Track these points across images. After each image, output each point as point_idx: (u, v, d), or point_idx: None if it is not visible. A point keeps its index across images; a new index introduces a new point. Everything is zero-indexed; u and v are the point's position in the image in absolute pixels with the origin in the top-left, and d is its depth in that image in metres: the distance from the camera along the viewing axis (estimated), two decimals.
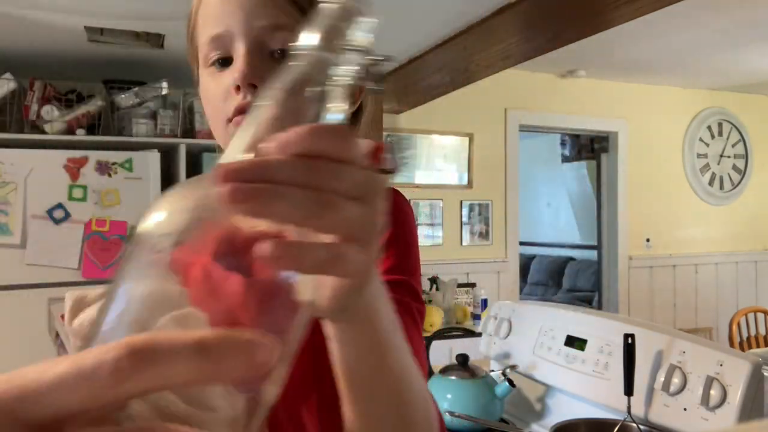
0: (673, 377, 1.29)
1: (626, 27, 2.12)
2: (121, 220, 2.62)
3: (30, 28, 2.35)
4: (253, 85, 0.65)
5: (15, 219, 2.48)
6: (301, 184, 0.30)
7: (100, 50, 2.57)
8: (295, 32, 0.64)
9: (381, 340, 0.46)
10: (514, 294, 4.14)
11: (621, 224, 4.41)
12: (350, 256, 0.32)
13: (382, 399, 0.50)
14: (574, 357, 1.52)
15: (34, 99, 2.73)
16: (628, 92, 4.42)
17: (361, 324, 0.43)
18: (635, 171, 4.46)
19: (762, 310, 3.79)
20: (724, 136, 4.80)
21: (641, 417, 1.33)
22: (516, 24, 2.13)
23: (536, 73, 4.12)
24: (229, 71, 0.68)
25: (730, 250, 4.77)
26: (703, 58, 3.83)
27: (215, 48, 0.68)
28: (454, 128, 3.92)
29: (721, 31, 3.26)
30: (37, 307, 2.50)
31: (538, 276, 7.12)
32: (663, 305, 4.50)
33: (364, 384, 0.49)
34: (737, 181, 4.83)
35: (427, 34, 2.40)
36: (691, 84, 4.53)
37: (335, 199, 0.31)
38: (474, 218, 4.02)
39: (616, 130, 4.42)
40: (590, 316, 1.59)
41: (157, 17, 2.22)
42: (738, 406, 1.17)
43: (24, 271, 2.49)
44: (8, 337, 2.45)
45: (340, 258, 0.32)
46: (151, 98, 2.89)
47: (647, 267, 4.46)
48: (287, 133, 0.31)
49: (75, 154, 2.58)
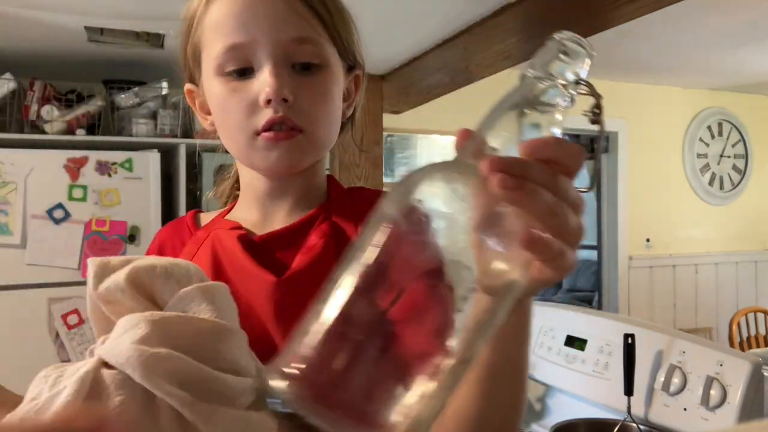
0: (673, 377, 1.29)
1: (626, 27, 2.12)
2: (121, 220, 2.62)
3: (30, 28, 2.35)
4: (285, 100, 0.65)
5: (15, 219, 2.48)
6: (550, 187, 0.38)
7: (100, 50, 2.57)
8: (317, 45, 0.70)
9: (528, 328, 0.52)
10: None
11: (621, 224, 4.41)
12: (567, 254, 0.40)
13: (510, 382, 0.55)
14: (574, 357, 1.52)
15: (34, 99, 2.72)
16: (628, 92, 4.42)
17: (525, 312, 0.51)
18: (635, 171, 4.46)
19: (762, 310, 3.79)
20: (724, 136, 4.80)
21: (641, 417, 1.33)
22: (516, 24, 2.13)
23: None
24: (253, 83, 0.66)
25: (730, 250, 4.77)
26: (703, 58, 3.82)
27: (234, 58, 0.66)
28: (454, 128, 3.91)
29: (721, 31, 3.26)
30: (37, 307, 2.50)
31: None
32: (663, 305, 4.49)
33: (506, 366, 0.53)
34: (737, 181, 4.83)
35: (427, 34, 2.40)
36: (691, 84, 4.53)
37: (566, 207, 0.39)
38: None
39: (616, 130, 4.42)
40: (590, 316, 1.59)
41: (157, 17, 2.22)
42: (738, 406, 1.17)
43: (24, 271, 2.49)
44: (8, 337, 2.45)
45: (562, 254, 0.39)
46: (151, 98, 2.88)
47: (647, 267, 4.46)
48: (539, 140, 0.39)
49: (75, 154, 2.58)
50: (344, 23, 0.73)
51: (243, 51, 0.66)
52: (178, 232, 0.80)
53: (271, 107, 0.65)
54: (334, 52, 0.71)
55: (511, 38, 2.24)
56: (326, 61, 0.69)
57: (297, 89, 0.66)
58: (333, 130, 0.73)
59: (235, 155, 0.73)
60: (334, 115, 0.72)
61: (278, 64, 0.66)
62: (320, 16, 0.68)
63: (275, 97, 0.64)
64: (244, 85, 0.67)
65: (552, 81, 0.41)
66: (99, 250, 2.58)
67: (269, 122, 0.65)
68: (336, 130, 0.73)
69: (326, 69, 0.69)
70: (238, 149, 0.71)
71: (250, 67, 0.67)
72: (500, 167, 0.36)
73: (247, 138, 0.67)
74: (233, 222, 0.75)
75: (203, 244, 0.75)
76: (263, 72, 0.66)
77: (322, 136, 0.70)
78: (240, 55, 0.66)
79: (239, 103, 0.67)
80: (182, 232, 0.80)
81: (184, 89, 0.78)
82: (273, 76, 0.65)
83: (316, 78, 0.68)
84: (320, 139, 0.70)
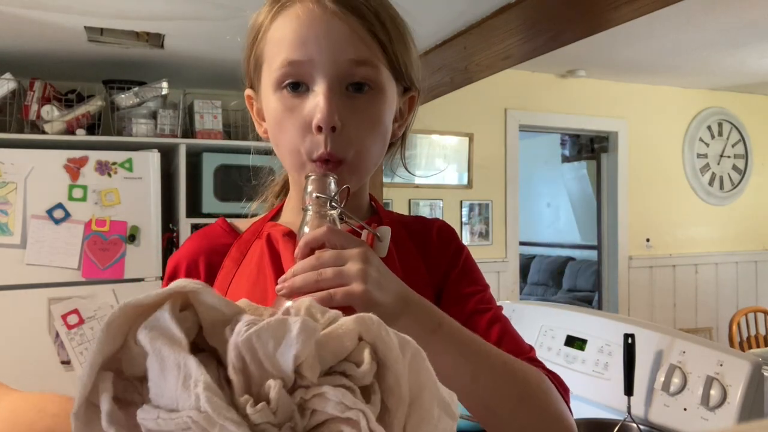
0: (673, 377, 1.29)
1: (626, 27, 2.12)
2: (121, 220, 2.62)
3: (30, 28, 2.35)
4: (333, 128, 0.67)
5: (15, 219, 2.48)
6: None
7: (100, 50, 2.57)
8: (374, 68, 0.73)
9: (456, 341, 0.61)
10: (514, 294, 4.14)
11: (621, 224, 4.41)
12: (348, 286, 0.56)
13: (485, 390, 0.62)
14: (574, 357, 1.52)
15: (34, 99, 2.73)
16: (628, 92, 4.42)
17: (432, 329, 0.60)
18: (635, 171, 4.46)
19: (762, 310, 3.79)
20: (724, 136, 4.80)
21: (641, 417, 1.33)
22: (516, 24, 2.13)
23: (536, 73, 4.12)
24: (307, 103, 0.68)
25: (730, 250, 4.77)
26: (703, 58, 3.82)
27: (291, 73, 0.69)
28: (454, 128, 3.92)
29: (721, 31, 3.26)
30: (37, 307, 2.50)
31: (538, 276, 7.12)
32: (663, 305, 4.50)
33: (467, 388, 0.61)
34: (737, 181, 4.83)
35: (427, 34, 2.40)
36: (691, 84, 4.53)
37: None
38: (474, 218, 4.02)
39: (616, 130, 4.42)
40: (590, 316, 1.59)
41: (157, 17, 2.22)
42: (738, 406, 1.17)
43: (24, 271, 2.49)
44: (8, 337, 2.45)
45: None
46: (151, 98, 2.88)
47: (647, 267, 4.46)
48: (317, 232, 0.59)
49: (75, 154, 2.58)
50: (404, 47, 0.74)
51: (301, 68, 0.68)
52: (212, 237, 0.80)
53: (321, 136, 0.67)
54: (390, 77, 0.73)
55: (511, 38, 2.24)
56: (381, 85, 0.71)
57: (347, 114, 0.69)
58: (377, 154, 0.75)
59: (286, 167, 0.76)
60: (381, 139, 0.74)
61: (332, 86, 0.68)
62: (380, 40, 0.70)
63: (325, 125, 0.66)
64: (298, 104, 0.69)
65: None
66: (99, 250, 2.58)
67: (320, 158, 0.68)
68: (381, 152, 0.76)
69: (379, 93, 0.71)
70: (289, 166, 0.74)
71: (304, 83, 0.69)
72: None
73: (298, 162, 0.70)
74: (285, 228, 0.77)
75: (253, 245, 0.77)
76: (317, 93, 0.68)
77: (364, 164, 0.73)
78: (298, 71, 0.68)
79: (293, 124, 0.69)
80: (219, 238, 0.80)
81: (245, 94, 0.80)
82: (325, 100, 0.67)
83: (367, 101, 0.71)
84: (362, 167, 0.73)
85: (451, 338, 0.61)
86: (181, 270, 0.77)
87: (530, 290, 7.02)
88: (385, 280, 0.57)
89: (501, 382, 0.62)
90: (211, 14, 2.16)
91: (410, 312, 0.58)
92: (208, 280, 0.75)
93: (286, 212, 0.81)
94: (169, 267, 0.79)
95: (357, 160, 0.71)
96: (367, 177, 0.77)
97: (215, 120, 2.99)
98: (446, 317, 0.62)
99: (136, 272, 2.64)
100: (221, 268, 0.76)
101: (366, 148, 0.71)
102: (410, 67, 0.76)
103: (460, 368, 0.60)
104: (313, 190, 0.62)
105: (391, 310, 0.56)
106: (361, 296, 0.54)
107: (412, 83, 0.78)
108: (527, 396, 0.63)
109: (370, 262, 0.57)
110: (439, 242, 0.78)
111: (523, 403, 0.63)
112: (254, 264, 0.75)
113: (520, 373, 0.64)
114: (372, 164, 0.75)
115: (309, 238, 0.58)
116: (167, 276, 0.78)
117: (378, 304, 0.55)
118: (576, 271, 6.63)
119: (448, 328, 0.61)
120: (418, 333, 0.57)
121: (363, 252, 0.57)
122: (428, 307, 0.61)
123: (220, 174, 2.93)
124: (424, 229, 0.80)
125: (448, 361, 0.60)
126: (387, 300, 0.56)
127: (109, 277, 2.59)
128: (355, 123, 0.69)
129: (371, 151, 0.73)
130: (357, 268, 0.55)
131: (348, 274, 0.55)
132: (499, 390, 0.62)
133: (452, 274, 0.76)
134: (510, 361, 0.64)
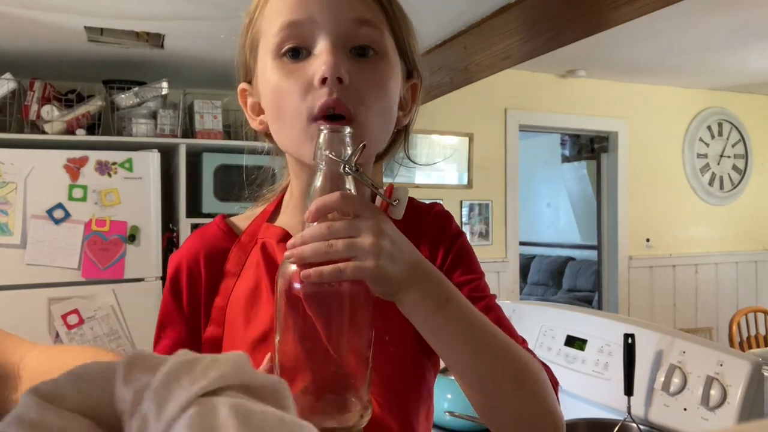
0: (673, 377, 1.29)
1: (626, 27, 2.12)
2: (121, 220, 2.62)
3: (30, 28, 2.35)
4: (340, 79, 0.62)
5: (15, 219, 2.48)
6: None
7: (100, 50, 2.57)
8: (377, 29, 0.70)
9: (461, 317, 0.60)
10: (514, 294, 4.14)
11: (621, 224, 4.41)
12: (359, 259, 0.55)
13: (484, 369, 0.61)
14: (574, 357, 1.52)
15: (34, 99, 2.72)
16: (628, 92, 4.42)
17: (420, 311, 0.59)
18: (635, 171, 4.46)
19: (762, 310, 3.79)
20: (724, 136, 4.80)
21: (641, 417, 1.33)
22: (516, 24, 2.13)
23: (536, 73, 4.12)
24: (309, 63, 0.64)
25: (730, 250, 4.77)
26: (703, 58, 3.82)
27: (290, 36, 0.65)
28: (454, 128, 3.92)
29: (721, 31, 3.26)
30: (37, 307, 2.50)
31: (538, 276, 7.12)
32: (663, 305, 4.50)
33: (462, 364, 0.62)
34: (737, 181, 4.83)
35: (427, 34, 2.40)
36: (691, 84, 4.53)
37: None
38: (474, 218, 4.02)
39: (616, 130, 4.42)
40: (590, 316, 1.59)
41: (157, 17, 2.22)
42: (738, 406, 1.17)
43: (24, 271, 2.49)
44: None
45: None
46: (151, 98, 2.88)
47: (647, 267, 4.46)
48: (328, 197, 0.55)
49: (75, 154, 2.58)
50: (405, 20, 0.72)
51: (301, 28, 0.65)
52: (211, 239, 0.78)
53: (326, 87, 0.62)
54: (394, 47, 0.69)
55: (511, 38, 2.24)
56: (384, 49, 0.67)
57: (354, 72, 0.64)
58: (386, 129, 0.70)
59: (288, 147, 0.70)
60: (389, 111, 0.69)
61: (336, 45, 0.64)
62: (382, 5, 0.67)
63: (331, 75, 0.62)
64: (299, 68, 0.65)
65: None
66: (99, 250, 2.58)
67: (323, 106, 0.63)
68: (389, 131, 0.71)
69: (384, 58, 0.67)
70: (292, 137, 0.68)
71: (305, 48, 0.65)
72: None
73: (301, 123, 0.65)
74: (281, 230, 0.75)
75: (251, 252, 0.74)
76: (320, 52, 0.64)
77: (374, 130, 0.67)
78: (298, 32, 0.65)
79: (294, 85, 0.65)
80: (218, 239, 0.77)
81: (238, 89, 0.76)
82: (331, 55, 0.63)
83: (373, 64, 0.67)
84: (373, 132, 0.66)
85: (458, 313, 0.59)
86: (183, 270, 0.75)
87: (530, 290, 7.02)
88: (398, 251, 0.56)
89: (501, 364, 0.61)
90: (211, 14, 2.16)
91: (420, 283, 0.57)
92: (209, 281, 0.74)
93: (285, 210, 0.78)
94: (170, 266, 0.77)
95: (367, 120, 0.65)
96: (374, 150, 0.71)
97: (215, 120, 2.99)
98: (455, 291, 0.60)
99: (136, 272, 2.64)
100: (223, 278, 0.74)
101: (374, 112, 0.66)
102: (412, 45, 0.73)
103: (462, 344, 0.60)
104: (325, 146, 0.56)
105: (401, 281, 0.56)
106: (372, 271, 0.53)
107: (414, 66, 0.75)
108: (525, 382, 0.62)
109: (383, 233, 0.54)
110: (433, 229, 0.76)
111: (520, 388, 0.62)
112: (251, 276, 0.73)
113: (521, 358, 0.63)
114: (381, 138, 0.70)
115: (320, 204, 0.55)
116: (169, 275, 0.77)
117: (389, 278, 0.55)
118: (576, 271, 6.63)
119: (456, 303, 0.59)
120: (427, 306, 0.58)
121: (376, 224, 0.54)
122: (439, 278, 0.60)
123: (220, 174, 2.93)
124: (420, 217, 0.77)
125: (451, 335, 0.59)
126: (398, 272, 0.55)
127: (109, 277, 2.59)
128: (363, 80, 0.65)
129: (380, 119, 0.67)
130: (369, 242, 0.53)
131: (360, 247, 0.53)
132: (498, 371, 0.61)
133: (447, 261, 0.74)
134: (512, 345, 0.63)
